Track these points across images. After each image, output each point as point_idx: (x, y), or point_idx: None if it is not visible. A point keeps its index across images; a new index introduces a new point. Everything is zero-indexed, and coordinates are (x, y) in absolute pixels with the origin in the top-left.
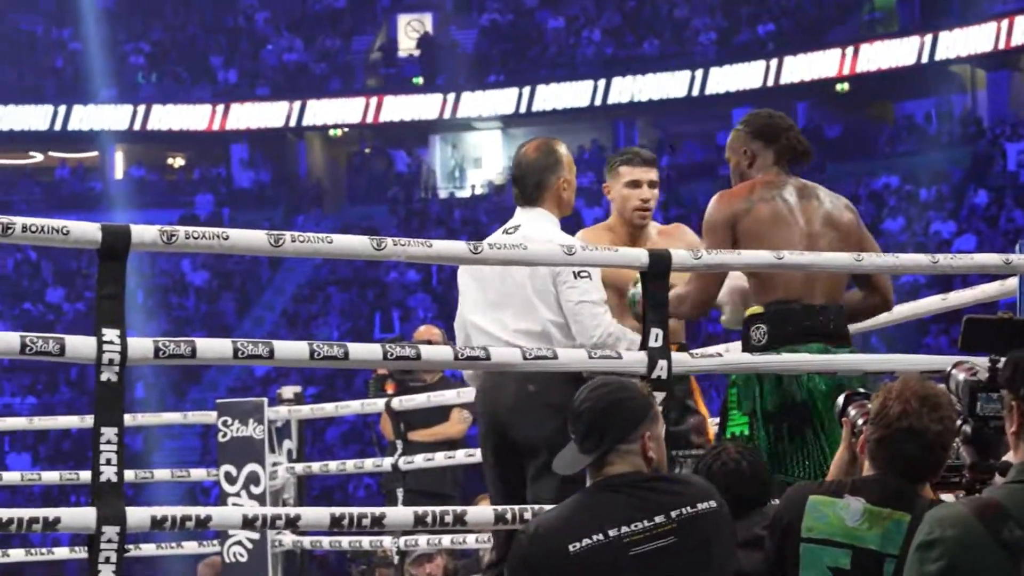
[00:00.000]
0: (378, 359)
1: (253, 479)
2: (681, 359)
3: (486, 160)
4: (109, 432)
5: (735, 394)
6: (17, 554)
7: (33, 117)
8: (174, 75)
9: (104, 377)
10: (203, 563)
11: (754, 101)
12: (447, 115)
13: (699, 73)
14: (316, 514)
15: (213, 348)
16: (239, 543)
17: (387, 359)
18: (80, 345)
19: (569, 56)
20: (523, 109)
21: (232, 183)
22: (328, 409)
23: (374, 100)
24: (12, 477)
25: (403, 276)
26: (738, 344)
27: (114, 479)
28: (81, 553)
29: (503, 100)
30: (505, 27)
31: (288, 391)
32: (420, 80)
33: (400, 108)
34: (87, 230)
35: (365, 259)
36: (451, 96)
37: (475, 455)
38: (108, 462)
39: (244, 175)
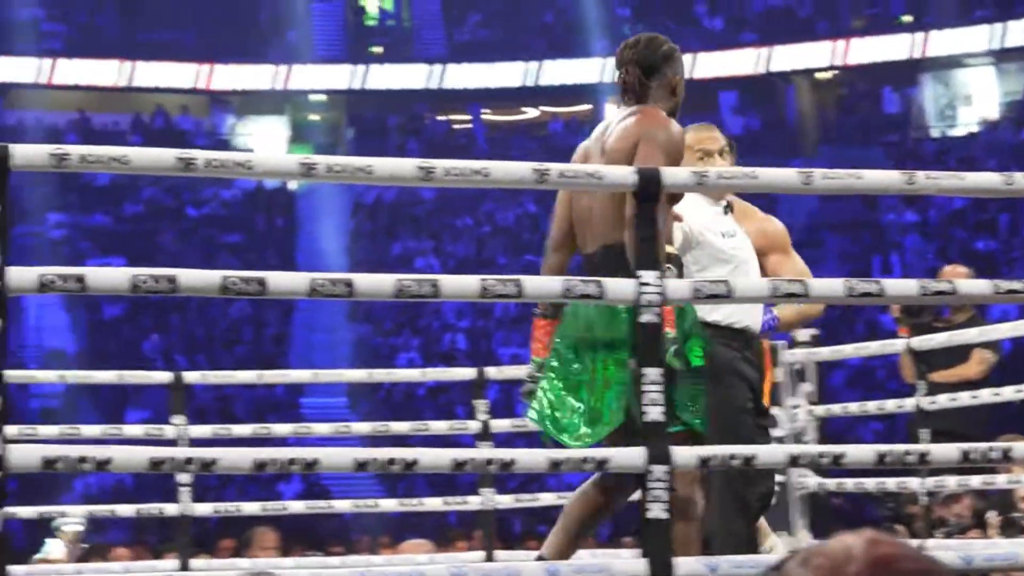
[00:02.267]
0: (914, 295)
1: (773, 422)
2: None
3: (977, 97)
4: (652, 373)
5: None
6: (548, 498)
7: (517, 73)
8: (660, 25)
9: (644, 319)
10: None
11: None
12: (935, 53)
13: None
14: (860, 451)
15: (751, 288)
16: None
17: (924, 295)
18: (620, 287)
19: None
20: (1014, 43)
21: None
22: (847, 351)
23: (860, 41)
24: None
25: (900, 217)
26: None
27: (659, 419)
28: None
29: (991, 35)
30: None
31: (804, 334)
32: (908, 18)
33: (887, 47)
34: (622, 173)
35: (894, 194)
36: (939, 33)
37: (1000, 394)
38: (653, 402)
39: (735, 122)
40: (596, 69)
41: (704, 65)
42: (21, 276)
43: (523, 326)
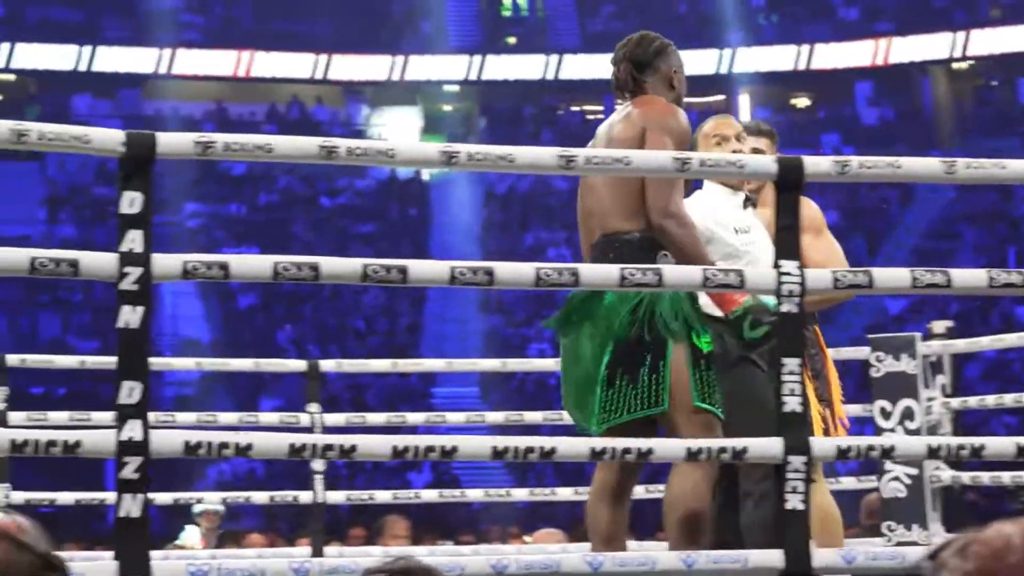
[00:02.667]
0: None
1: (908, 414)
2: None
3: None
4: (791, 363)
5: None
6: None
7: None
8: (793, 15)
9: (784, 308)
10: (865, 499)
11: None
12: None
13: None
14: (1000, 444)
15: (888, 277)
16: (897, 478)
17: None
18: (760, 276)
19: None
20: None
21: (858, 121)
22: (983, 343)
23: (995, 31)
24: None
25: None
26: None
27: (798, 409)
28: None
29: None
30: None
31: (939, 325)
32: None
33: (1022, 37)
34: (763, 162)
35: None
36: None
37: None
38: (791, 392)
39: (869, 113)
40: (728, 59)
41: (839, 55)
42: (165, 263)
43: None
